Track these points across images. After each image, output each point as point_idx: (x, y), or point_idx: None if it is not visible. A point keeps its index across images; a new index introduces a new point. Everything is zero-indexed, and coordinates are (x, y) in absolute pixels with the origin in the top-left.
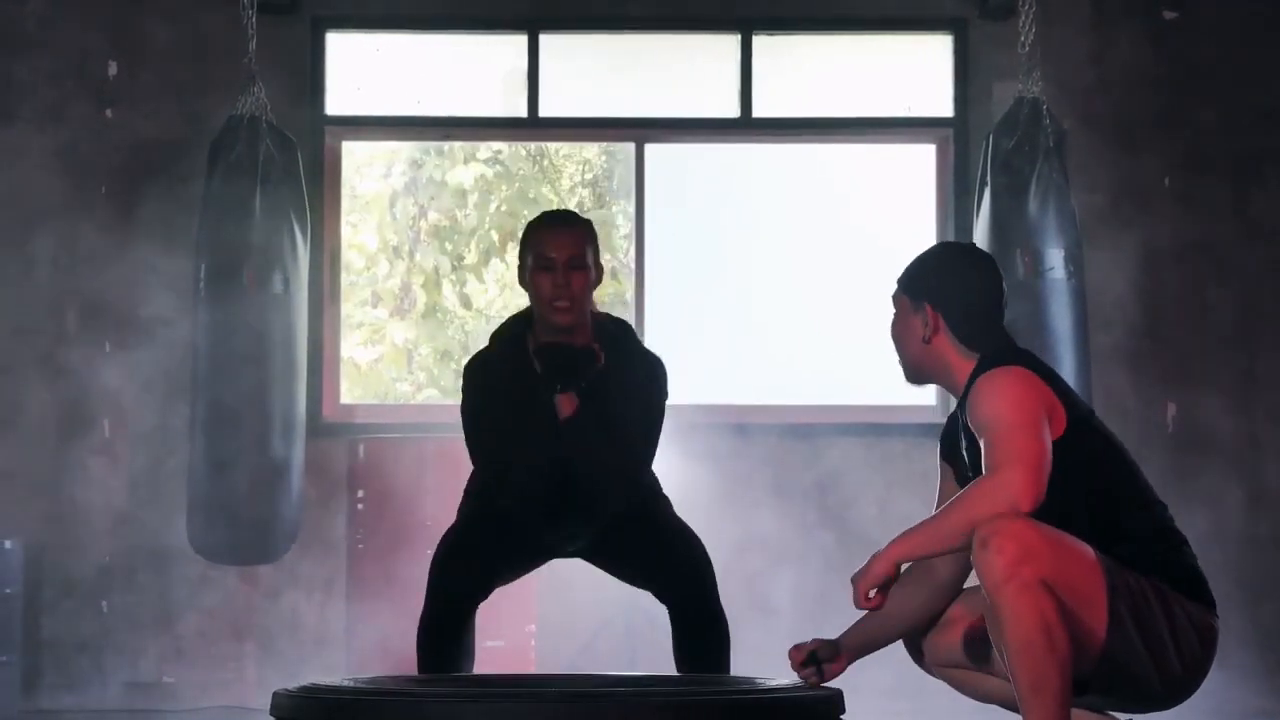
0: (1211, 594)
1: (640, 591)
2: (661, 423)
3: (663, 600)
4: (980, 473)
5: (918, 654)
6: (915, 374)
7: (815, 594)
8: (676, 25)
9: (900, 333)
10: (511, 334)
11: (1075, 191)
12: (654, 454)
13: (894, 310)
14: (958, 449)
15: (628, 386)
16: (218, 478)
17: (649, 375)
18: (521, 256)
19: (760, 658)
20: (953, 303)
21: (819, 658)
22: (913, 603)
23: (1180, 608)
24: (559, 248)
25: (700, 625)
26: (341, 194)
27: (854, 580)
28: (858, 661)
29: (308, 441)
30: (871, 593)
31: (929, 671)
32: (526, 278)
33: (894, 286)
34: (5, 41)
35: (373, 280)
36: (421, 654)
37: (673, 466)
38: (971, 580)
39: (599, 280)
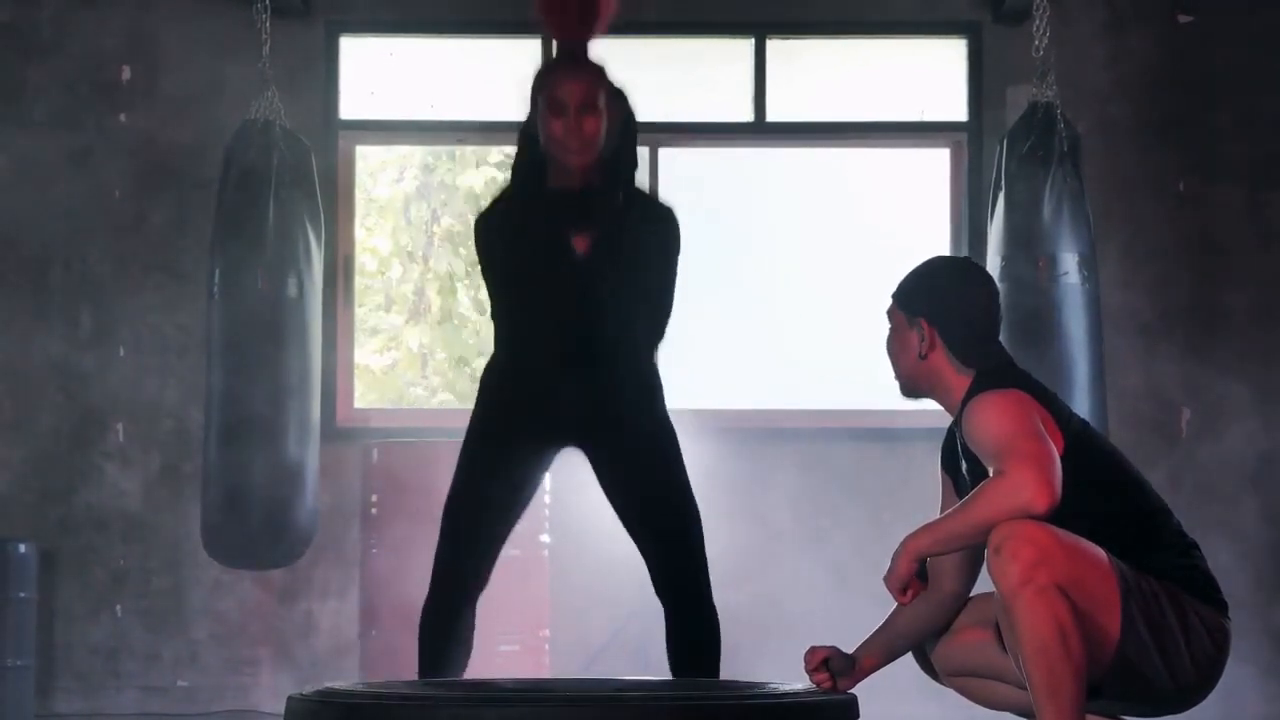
0: (1223, 596)
1: (654, 596)
2: (675, 278)
3: (654, 582)
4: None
5: (928, 665)
6: (910, 389)
7: (829, 599)
8: (690, 29)
9: (896, 347)
10: (526, 178)
11: (1089, 195)
12: (667, 318)
13: (889, 324)
14: (958, 464)
15: (643, 233)
16: (232, 482)
17: (664, 226)
18: (533, 101)
19: (771, 661)
20: (949, 319)
21: (832, 667)
22: (921, 615)
23: (1193, 611)
24: (571, 92)
25: (693, 625)
26: (355, 198)
27: (885, 582)
28: None
29: (322, 446)
30: (906, 589)
31: (940, 681)
32: (539, 121)
33: (889, 300)
34: (20, 46)
35: (387, 284)
36: (424, 638)
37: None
38: (977, 589)
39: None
